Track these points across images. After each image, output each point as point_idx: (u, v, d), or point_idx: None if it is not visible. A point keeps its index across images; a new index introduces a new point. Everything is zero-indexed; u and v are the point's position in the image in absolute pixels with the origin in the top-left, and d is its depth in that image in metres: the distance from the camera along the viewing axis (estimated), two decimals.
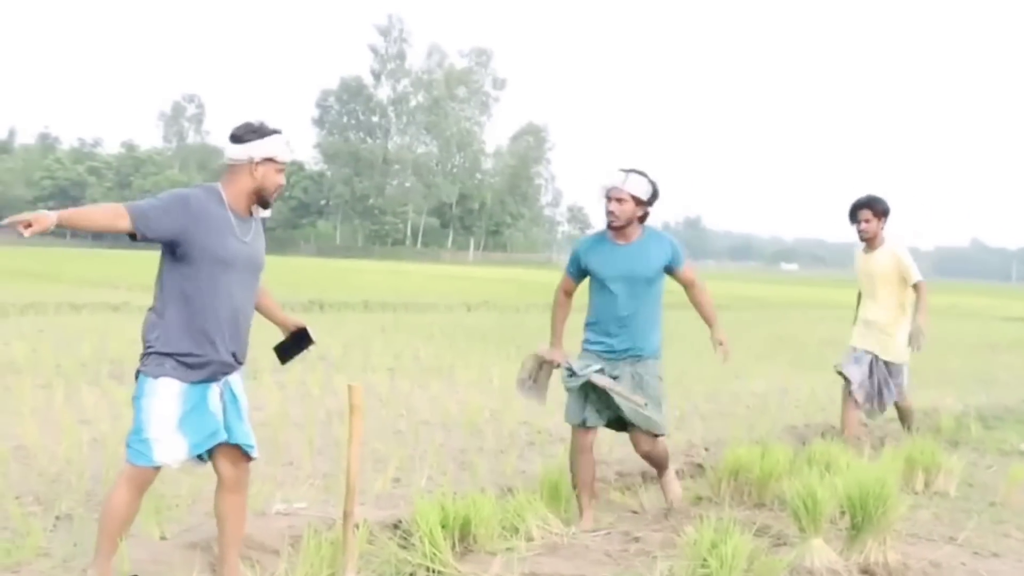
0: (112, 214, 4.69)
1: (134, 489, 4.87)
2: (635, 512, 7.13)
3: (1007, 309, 48.60)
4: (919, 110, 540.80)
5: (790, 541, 6.31)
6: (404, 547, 5.73)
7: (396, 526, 5.99)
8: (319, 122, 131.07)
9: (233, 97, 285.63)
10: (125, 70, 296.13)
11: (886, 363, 9.47)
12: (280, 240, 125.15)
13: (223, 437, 4.94)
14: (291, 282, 38.63)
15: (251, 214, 5.04)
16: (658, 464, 7.12)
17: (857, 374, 9.35)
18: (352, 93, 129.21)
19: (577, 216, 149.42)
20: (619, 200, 6.51)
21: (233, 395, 5.05)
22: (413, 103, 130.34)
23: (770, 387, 13.69)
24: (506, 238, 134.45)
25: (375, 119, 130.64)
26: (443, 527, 5.66)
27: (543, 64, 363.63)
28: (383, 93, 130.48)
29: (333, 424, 9.45)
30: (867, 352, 9.43)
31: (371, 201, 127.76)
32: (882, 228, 9.24)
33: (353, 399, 5.33)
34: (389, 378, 12.73)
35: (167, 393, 4.83)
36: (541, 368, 6.83)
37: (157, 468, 4.89)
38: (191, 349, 4.84)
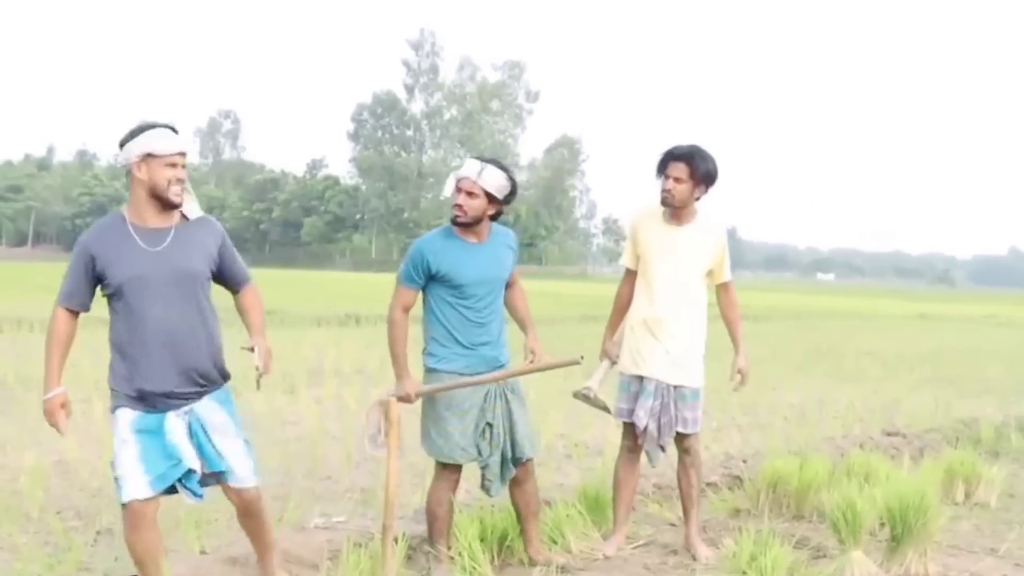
0: (66, 331, 4.77)
1: (131, 526, 4.71)
2: (673, 525, 7.11)
3: None
4: (956, 117, 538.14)
5: (829, 553, 6.30)
6: (442, 562, 5.76)
7: None
8: (354, 136, 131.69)
9: (269, 112, 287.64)
10: (162, 86, 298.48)
11: (676, 388, 6.34)
12: (315, 254, 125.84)
13: (187, 468, 4.74)
14: (327, 296, 38.78)
15: (169, 221, 4.81)
16: (535, 509, 6.14)
17: (644, 417, 6.31)
18: (386, 107, 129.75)
19: (612, 228, 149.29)
20: (470, 194, 5.68)
21: (202, 425, 4.83)
22: (447, 116, 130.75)
23: (807, 398, 13.62)
24: (541, 251, 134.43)
25: (409, 133, 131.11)
26: (481, 540, 5.68)
27: (577, 76, 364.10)
28: (416, 107, 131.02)
29: None
30: (650, 379, 6.33)
31: (406, 215, 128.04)
32: (697, 198, 6.33)
33: (391, 413, 5.36)
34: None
35: (123, 425, 4.72)
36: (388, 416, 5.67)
37: (144, 501, 4.67)
38: (126, 382, 4.73)
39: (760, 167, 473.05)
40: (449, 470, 5.85)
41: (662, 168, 6.33)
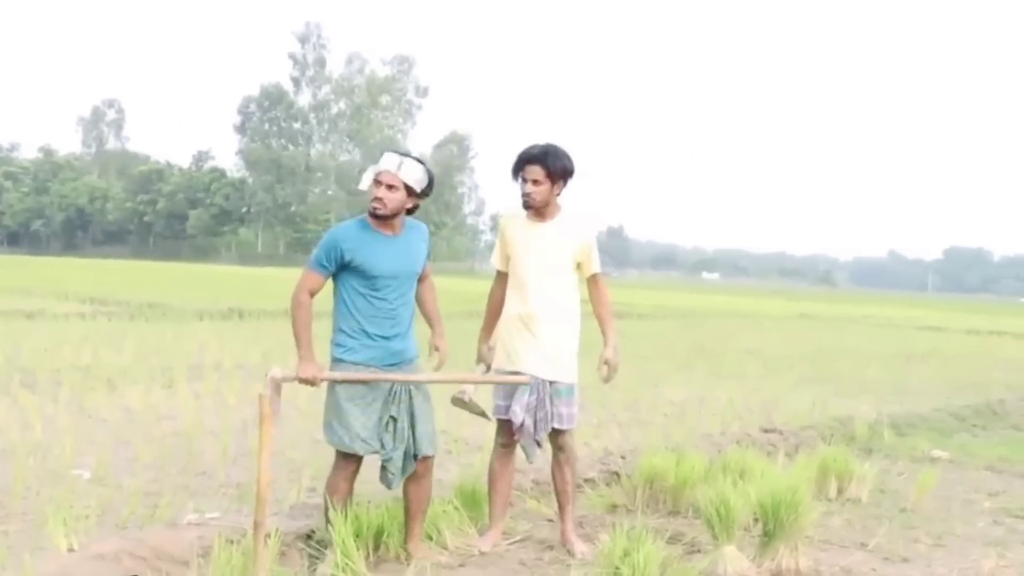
0: None
1: None
2: (550, 520, 7.12)
3: (923, 319, 49.40)
4: (836, 122, 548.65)
5: (703, 548, 6.36)
6: (317, 557, 5.72)
7: (310, 536, 5.96)
8: (241, 129, 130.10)
9: (154, 102, 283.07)
10: (43, 74, 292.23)
11: (551, 383, 6.32)
12: (201, 248, 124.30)
13: None
14: (211, 290, 38.29)
15: None
16: (425, 506, 6.16)
17: (521, 413, 6.26)
18: (273, 100, 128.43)
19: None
20: (390, 187, 5.73)
21: None
22: (335, 110, 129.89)
23: (688, 396, 13.76)
24: (429, 246, 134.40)
25: (297, 126, 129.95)
26: (357, 536, 5.63)
27: (467, 73, 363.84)
28: (304, 100, 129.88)
29: (249, 433, 9.32)
30: (525, 374, 6.27)
31: (293, 209, 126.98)
32: (557, 194, 6.38)
33: (263, 408, 5.29)
34: (308, 387, 12.57)
35: None
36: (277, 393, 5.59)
37: None
38: None
39: (648, 166, 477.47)
40: (348, 460, 5.84)
41: (517, 171, 6.35)
